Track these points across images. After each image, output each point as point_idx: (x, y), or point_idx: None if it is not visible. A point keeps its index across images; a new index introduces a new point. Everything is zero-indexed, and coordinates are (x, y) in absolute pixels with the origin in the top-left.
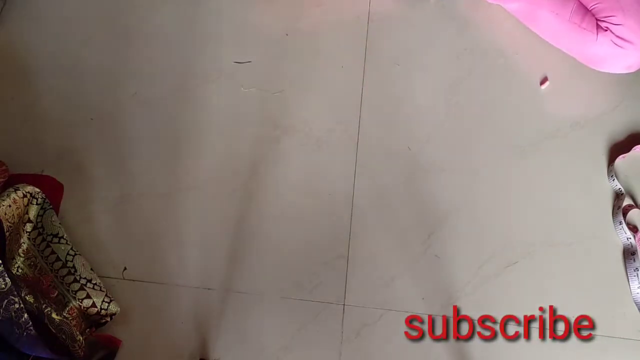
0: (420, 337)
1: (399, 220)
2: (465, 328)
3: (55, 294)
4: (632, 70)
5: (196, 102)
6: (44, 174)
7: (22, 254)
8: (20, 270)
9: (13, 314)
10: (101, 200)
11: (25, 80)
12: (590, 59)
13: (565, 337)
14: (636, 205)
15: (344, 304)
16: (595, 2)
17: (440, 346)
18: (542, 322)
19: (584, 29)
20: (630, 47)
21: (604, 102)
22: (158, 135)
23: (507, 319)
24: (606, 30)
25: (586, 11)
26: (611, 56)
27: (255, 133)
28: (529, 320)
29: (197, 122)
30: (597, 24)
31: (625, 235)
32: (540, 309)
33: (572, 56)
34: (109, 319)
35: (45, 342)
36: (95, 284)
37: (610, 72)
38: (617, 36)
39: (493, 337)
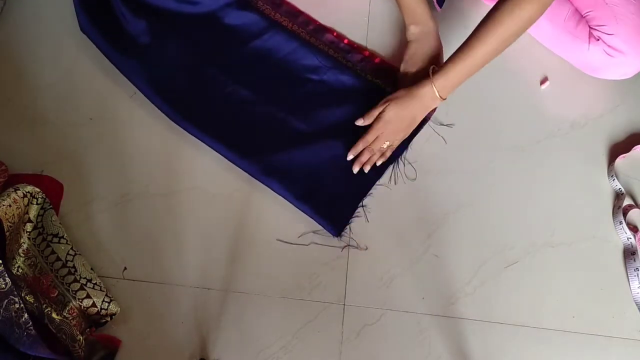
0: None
1: (399, 220)
2: (465, 328)
3: (56, 294)
4: (627, 77)
5: None
6: (44, 174)
7: (22, 254)
8: (20, 270)
9: (13, 313)
10: (101, 200)
11: (25, 80)
12: (585, 66)
13: (564, 337)
14: (636, 205)
15: (344, 304)
16: (589, 9)
17: (440, 346)
18: (542, 322)
19: (577, 37)
20: (621, 56)
21: (604, 102)
22: (157, 135)
23: (507, 319)
24: (598, 40)
25: (580, 18)
26: (604, 65)
27: None
28: (529, 320)
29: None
30: (590, 33)
31: (625, 235)
32: (541, 309)
33: (569, 62)
34: (109, 319)
35: (45, 342)
36: (95, 283)
37: (605, 78)
38: (609, 46)
39: (493, 337)
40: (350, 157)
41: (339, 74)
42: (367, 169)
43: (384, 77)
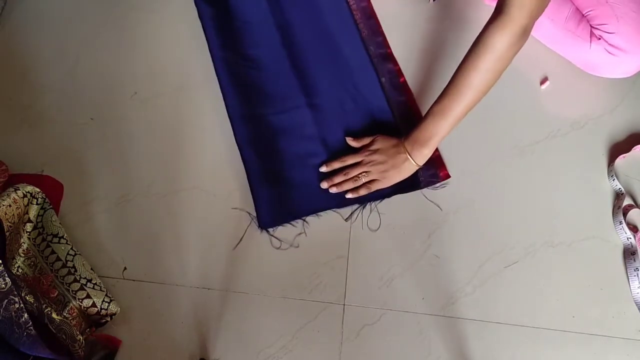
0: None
1: (399, 220)
2: (465, 328)
3: (55, 294)
4: (628, 75)
5: (196, 102)
6: (44, 174)
7: (22, 254)
8: (20, 270)
9: (13, 313)
10: (101, 200)
11: (25, 80)
12: (586, 64)
13: (564, 337)
14: (636, 205)
15: (344, 304)
16: (590, 9)
17: (440, 346)
18: (542, 322)
19: (578, 36)
20: (623, 55)
21: (604, 102)
22: (158, 135)
23: (507, 319)
24: (599, 39)
25: (582, 17)
26: (605, 63)
27: None
28: (529, 320)
29: (197, 122)
30: (591, 32)
31: (625, 235)
32: (541, 309)
33: (570, 61)
34: (109, 319)
35: (45, 342)
36: (95, 283)
37: (607, 77)
38: (610, 44)
39: (493, 337)
40: (323, 169)
41: (379, 103)
42: (333, 190)
43: (406, 120)
